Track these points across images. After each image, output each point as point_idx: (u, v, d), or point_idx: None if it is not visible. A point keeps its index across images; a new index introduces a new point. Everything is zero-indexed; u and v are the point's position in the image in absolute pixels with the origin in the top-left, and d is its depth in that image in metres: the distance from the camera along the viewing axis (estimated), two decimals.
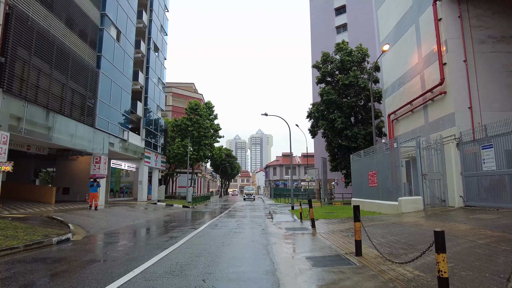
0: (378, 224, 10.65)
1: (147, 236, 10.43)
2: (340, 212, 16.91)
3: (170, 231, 11.10)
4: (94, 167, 21.08)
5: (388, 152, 15.78)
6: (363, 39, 39.75)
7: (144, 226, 12.68)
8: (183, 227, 12.30)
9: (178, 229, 11.74)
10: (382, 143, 17.99)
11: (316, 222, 12.67)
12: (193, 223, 14.01)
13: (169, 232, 10.98)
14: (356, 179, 20.03)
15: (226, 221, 14.65)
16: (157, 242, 8.57)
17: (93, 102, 19.90)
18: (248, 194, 46.96)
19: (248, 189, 50.39)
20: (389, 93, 19.89)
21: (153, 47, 32.13)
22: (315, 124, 34.71)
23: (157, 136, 32.93)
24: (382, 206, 15.28)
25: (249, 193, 47.05)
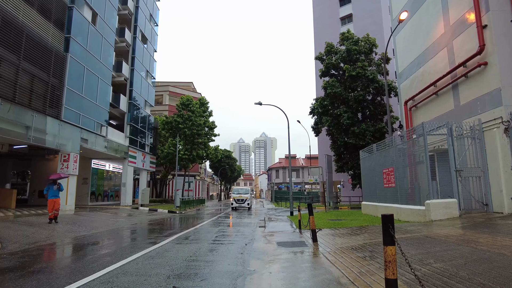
0: (404, 238, 7.57)
1: (69, 257, 7.44)
2: (348, 219, 13.82)
3: (113, 249, 8.11)
4: (61, 166, 18.23)
5: (411, 141, 12.72)
6: (370, 30, 36.58)
7: (88, 240, 9.71)
8: (138, 241, 9.30)
9: (132, 243, 8.76)
10: (397, 136, 14.88)
11: (320, 233, 9.63)
12: (160, 234, 11.03)
13: (110, 249, 7.99)
14: (367, 179, 16.94)
15: (205, 231, 11.64)
16: (68, 270, 5.59)
17: (58, 90, 17.06)
18: (240, 200, 26.88)
19: (239, 192, 28.26)
20: (405, 76, 16.82)
21: (141, 36, 29.38)
22: (319, 120, 31.68)
23: (145, 134, 30.09)
24: (402, 212, 12.18)
25: (241, 199, 26.90)
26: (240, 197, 27.06)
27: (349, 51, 30.04)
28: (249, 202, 27.12)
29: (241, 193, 27.89)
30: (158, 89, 55.80)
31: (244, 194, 27.55)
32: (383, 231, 3.72)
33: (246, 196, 27.09)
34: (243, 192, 28.27)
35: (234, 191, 28.84)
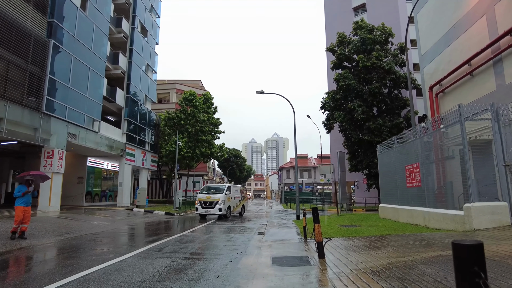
0: (446, 257, 5.40)
1: None
2: (364, 225, 11.63)
3: (48, 267, 6.22)
4: (44, 164, 16.62)
5: (438, 132, 10.50)
6: (385, 19, 34.02)
7: (30, 252, 7.88)
8: (92, 254, 7.39)
9: (82, 257, 6.85)
10: (421, 127, 12.59)
11: (330, 243, 7.57)
12: (132, 243, 9.14)
13: (43, 268, 6.10)
14: (385, 177, 14.69)
15: (190, 239, 9.67)
16: None
17: (38, 79, 15.43)
18: (207, 203, 17.27)
19: (209, 190, 18.64)
20: (429, 59, 14.50)
21: (140, 28, 27.76)
22: (331, 116, 29.42)
23: (146, 131, 28.44)
24: (431, 217, 9.94)
25: (208, 201, 17.26)
26: (208, 199, 17.08)
27: (363, 40, 27.70)
28: (222, 206, 16.83)
29: (211, 192, 17.93)
30: (165, 86, 54.46)
31: (215, 194, 17.52)
32: (457, 274, 1.62)
33: (217, 198, 17.00)
34: (214, 191, 18.11)
35: (202, 190, 18.92)
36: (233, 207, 18.64)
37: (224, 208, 17.34)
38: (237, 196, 19.63)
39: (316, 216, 6.64)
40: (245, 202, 21.17)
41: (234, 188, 19.68)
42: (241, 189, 20.68)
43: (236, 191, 19.71)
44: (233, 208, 18.69)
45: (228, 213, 17.90)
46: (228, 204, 17.87)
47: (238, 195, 19.92)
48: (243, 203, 20.67)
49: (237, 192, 19.80)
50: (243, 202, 20.86)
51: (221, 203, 17.23)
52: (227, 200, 17.74)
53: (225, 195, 17.67)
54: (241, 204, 20.19)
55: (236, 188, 19.89)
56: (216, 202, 17.26)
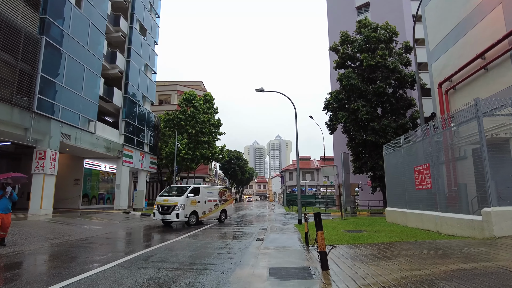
0: (470, 271, 4.64)
1: None
2: (371, 231, 10.87)
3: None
4: (36, 165, 16.00)
5: (455, 129, 9.77)
6: (389, 18, 33.26)
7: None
8: (75, 261, 6.69)
9: (60, 266, 6.14)
10: (432, 126, 11.82)
11: (334, 252, 6.84)
12: (122, 248, 8.43)
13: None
14: (392, 179, 13.92)
15: (183, 246, 8.95)
16: None
17: (30, 77, 14.83)
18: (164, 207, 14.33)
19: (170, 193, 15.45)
20: (438, 54, 13.75)
21: (139, 27, 27.22)
22: (334, 116, 28.69)
23: (145, 133, 27.81)
24: (444, 222, 9.18)
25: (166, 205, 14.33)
26: (165, 203, 14.30)
27: (367, 39, 27.00)
28: (180, 212, 13.92)
29: (171, 194, 15.05)
30: (167, 88, 54.05)
31: (174, 197, 14.60)
32: None
33: (175, 202, 14.13)
34: (176, 193, 15.12)
35: (163, 191, 16.05)
36: (202, 212, 15.40)
37: (184, 214, 14.17)
38: (212, 199, 16.43)
39: (319, 223, 5.91)
40: (227, 206, 17.70)
41: (206, 189, 16.54)
42: (221, 191, 17.47)
43: (211, 193, 16.54)
44: (204, 213, 15.53)
45: (193, 220, 14.70)
46: (192, 209, 14.67)
47: (215, 198, 16.67)
48: (223, 207, 17.24)
49: (211, 194, 16.54)
50: (224, 206, 17.34)
51: (179, 208, 14.04)
52: (190, 204, 14.59)
53: (186, 198, 14.40)
54: (219, 209, 16.81)
55: (210, 190, 16.82)
56: (174, 207, 14.03)
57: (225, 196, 17.65)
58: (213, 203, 16.52)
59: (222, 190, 17.86)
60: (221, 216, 17.09)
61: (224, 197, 17.57)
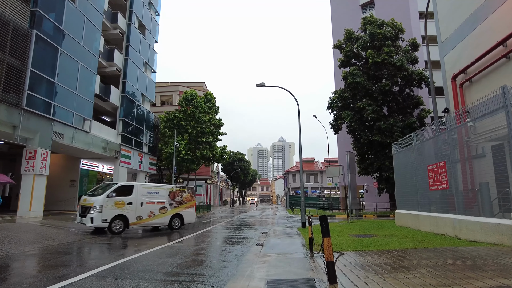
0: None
1: None
2: (381, 235, 9.94)
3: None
4: (26, 165, 15.25)
5: (471, 125, 8.87)
6: (394, 16, 32.45)
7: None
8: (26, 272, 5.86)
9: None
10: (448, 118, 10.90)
11: (342, 260, 5.95)
12: (101, 256, 7.58)
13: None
14: (402, 180, 12.99)
15: (174, 251, 8.08)
16: None
17: (18, 72, 14.10)
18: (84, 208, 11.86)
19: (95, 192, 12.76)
20: (451, 45, 12.83)
21: (137, 24, 26.53)
22: (338, 116, 27.81)
23: (143, 133, 27.05)
24: (464, 226, 8.25)
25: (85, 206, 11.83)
26: (84, 203, 12.01)
27: (372, 36, 26.12)
28: (95, 215, 11.40)
29: (96, 193, 12.42)
30: (168, 89, 53.48)
31: (94, 196, 12.09)
32: None
33: (91, 203, 11.68)
34: (101, 191, 12.36)
35: (90, 190, 14.06)
36: (137, 217, 12.53)
37: (102, 218, 11.47)
38: (156, 201, 13.29)
39: (325, 228, 5.02)
40: (183, 211, 14.34)
41: (146, 188, 13.40)
42: (174, 192, 14.18)
43: (154, 193, 13.41)
44: (140, 218, 12.61)
45: (118, 226, 11.93)
46: (116, 213, 11.88)
47: (160, 200, 13.48)
48: (176, 211, 14.05)
49: (154, 195, 13.38)
50: (178, 211, 14.12)
51: (95, 211, 11.41)
52: (113, 206, 11.83)
53: (105, 199, 11.68)
54: (168, 213, 13.68)
55: (152, 189, 13.54)
56: (90, 208, 11.52)
57: (180, 198, 14.33)
58: (157, 206, 13.33)
59: (176, 190, 14.42)
60: (172, 223, 13.89)
61: (179, 199, 14.29)
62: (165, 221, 13.71)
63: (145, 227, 13.66)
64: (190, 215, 14.86)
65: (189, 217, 14.86)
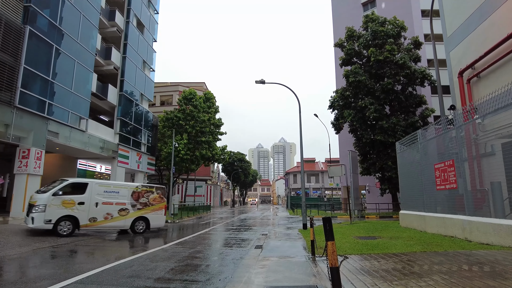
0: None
1: None
2: (386, 237, 9.50)
3: None
4: (19, 164, 14.85)
5: (480, 122, 8.46)
6: (396, 14, 32.06)
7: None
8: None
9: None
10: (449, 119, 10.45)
11: (347, 265, 5.51)
12: (90, 260, 7.16)
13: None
14: (407, 179, 12.55)
15: (168, 255, 7.65)
16: None
17: (11, 69, 13.70)
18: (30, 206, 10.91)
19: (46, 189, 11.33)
20: (458, 40, 12.39)
21: (136, 22, 26.14)
22: (340, 115, 27.39)
23: (142, 132, 26.64)
24: (475, 228, 7.81)
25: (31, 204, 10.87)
26: (30, 200, 11.20)
27: (374, 34, 25.70)
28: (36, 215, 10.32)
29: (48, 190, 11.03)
30: (168, 89, 53.11)
31: (39, 194, 11.07)
32: None
33: (34, 201, 10.67)
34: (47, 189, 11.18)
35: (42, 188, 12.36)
36: (91, 219, 11.23)
37: (46, 219, 10.32)
38: (115, 202, 11.98)
39: (329, 231, 4.56)
40: (150, 213, 12.85)
41: (104, 186, 11.95)
42: (138, 192, 12.74)
43: (112, 192, 12.06)
44: (94, 220, 11.30)
45: (65, 228, 10.68)
46: (64, 213, 10.67)
47: (121, 201, 12.15)
48: (141, 214, 12.62)
49: (113, 195, 12.05)
50: (143, 213, 12.67)
51: (37, 210, 10.31)
52: (60, 205, 10.63)
53: (50, 197, 10.53)
54: (130, 216, 12.27)
55: (111, 188, 12.13)
56: (32, 207, 10.47)
57: (145, 199, 12.84)
58: (117, 207, 11.98)
59: (142, 190, 12.93)
60: (135, 226, 12.44)
61: (144, 201, 12.81)
62: (125, 224, 12.22)
63: (100, 230, 12.09)
64: (157, 219, 13.20)
65: (157, 221, 13.18)
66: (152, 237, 11.87)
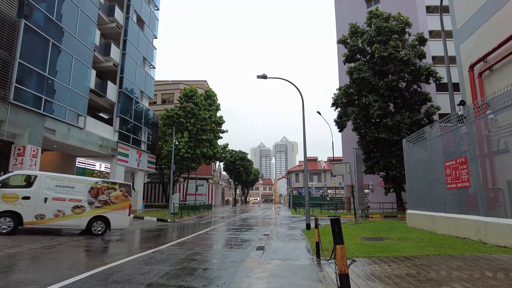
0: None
1: None
2: (394, 238, 9.02)
3: None
4: (14, 162, 14.46)
5: (493, 117, 7.98)
6: (400, 10, 31.43)
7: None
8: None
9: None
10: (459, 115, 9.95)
11: (354, 268, 5.06)
12: (75, 263, 6.74)
13: None
14: (414, 178, 12.06)
15: (164, 257, 7.21)
16: None
17: (5, 64, 13.30)
18: None
19: None
20: (468, 32, 11.87)
21: (135, 18, 25.72)
22: (343, 113, 26.87)
23: (142, 130, 26.23)
24: (491, 229, 7.33)
25: None
26: None
27: (379, 30, 25.17)
28: None
29: None
30: (169, 87, 52.69)
31: None
32: None
33: None
34: None
35: None
36: (37, 216, 10.15)
37: None
38: (68, 198, 10.65)
39: (338, 233, 4.10)
40: (111, 213, 11.39)
41: (55, 180, 10.69)
42: (96, 188, 11.26)
43: (66, 187, 10.72)
44: (41, 217, 10.20)
45: (5, 226, 9.73)
46: (2, 208, 9.65)
47: (76, 197, 10.82)
48: (100, 212, 11.20)
49: (67, 190, 10.73)
50: (103, 212, 11.26)
51: None
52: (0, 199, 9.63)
53: None
54: (87, 214, 10.93)
55: (64, 183, 10.78)
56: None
57: (106, 197, 11.40)
58: (70, 204, 10.67)
59: (102, 186, 11.42)
60: (92, 226, 11.03)
61: (104, 198, 11.36)
62: (80, 224, 10.88)
63: (49, 228, 10.70)
64: (120, 219, 11.61)
65: (119, 221, 11.61)
66: (148, 237, 11.43)
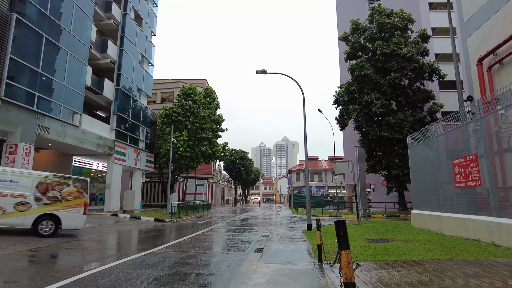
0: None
1: None
2: (399, 240, 8.56)
3: None
4: (6, 161, 14.02)
5: (503, 113, 7.53)
6: (403, 6, 30.89)
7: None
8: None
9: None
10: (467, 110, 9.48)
11: (359, 274, 4.61)
12: (61, 267, 6.30)
13: None
14: (420, 176, 11.60)
15: (156, 260, 6.76)
16: None
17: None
18: None
19: None
20: (476, 25, 11.40)
21: (133, 15, 25.26)
22: (345, 111, 26.39)
23: (140, 129, 25.79)
24: (505, 231, 6.89)
25: None
26: None
27: (381, 26, 24.68)
28: None
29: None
30: (169, 86, 52.27)
31: None
32: None
33: None
34: None
35: None
36: None
37: None
38: (12, 194, 9.53)
39: (343, 237, 3.64)
40: (63, 211, 10.19)
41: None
42: (45, 183, 10.08)
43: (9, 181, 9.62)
44: None
45: None
46: None
47: (21, 193, 9.67)
48: (48, 210, 10.00)
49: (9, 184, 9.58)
50: (51, 209, 10.04)
51: None
52: None
53: None
54: (32, 212, 9.77)
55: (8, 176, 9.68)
56: None
57: (57, 193, 10.20)
58: (13, 200, 9.49)
59: (53, 181, 10.24)
60: (40, 225, 9.88)
61: (55, 194, 10.16)
62: (25, 222, 9.69)
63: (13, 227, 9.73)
64: (73, 218, 10.37)
65: (72, 220, 10.38)
66: (140, 239, 10.98)
